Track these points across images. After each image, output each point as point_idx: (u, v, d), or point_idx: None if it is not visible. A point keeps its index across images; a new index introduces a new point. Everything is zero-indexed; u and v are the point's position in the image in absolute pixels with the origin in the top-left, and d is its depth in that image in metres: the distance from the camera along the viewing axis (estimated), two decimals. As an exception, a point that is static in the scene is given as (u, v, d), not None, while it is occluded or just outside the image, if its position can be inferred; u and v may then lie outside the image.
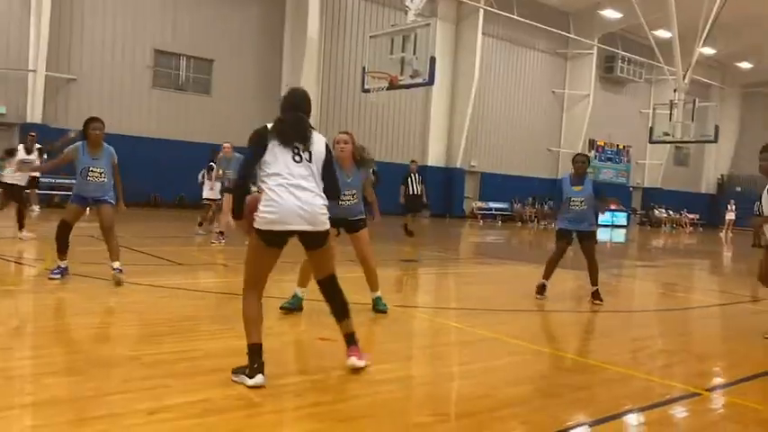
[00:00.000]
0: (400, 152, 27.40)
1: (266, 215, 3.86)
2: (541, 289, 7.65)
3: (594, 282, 7.58)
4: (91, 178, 6.71)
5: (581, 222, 7.48)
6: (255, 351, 3.76)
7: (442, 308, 6.99)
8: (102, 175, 6.73)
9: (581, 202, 7.37)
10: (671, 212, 36.98)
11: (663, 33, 28.77)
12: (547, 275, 7.65)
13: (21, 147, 11.69)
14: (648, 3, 25.49)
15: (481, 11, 27.59)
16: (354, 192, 5.98)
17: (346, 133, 6.00)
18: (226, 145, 11.75)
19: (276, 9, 23.63)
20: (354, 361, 4.09)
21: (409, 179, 15.72)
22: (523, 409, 3.66)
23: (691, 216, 37.57)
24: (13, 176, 11.03)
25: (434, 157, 28.37)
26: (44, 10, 18.55)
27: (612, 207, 33.43)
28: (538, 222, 30.00)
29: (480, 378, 4.26)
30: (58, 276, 6.59)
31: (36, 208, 15.47)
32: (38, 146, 11.85)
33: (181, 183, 19.15)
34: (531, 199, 31.14)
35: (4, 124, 19.14)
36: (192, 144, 21.30)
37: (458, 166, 28.96)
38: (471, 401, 3.79)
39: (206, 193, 13.17)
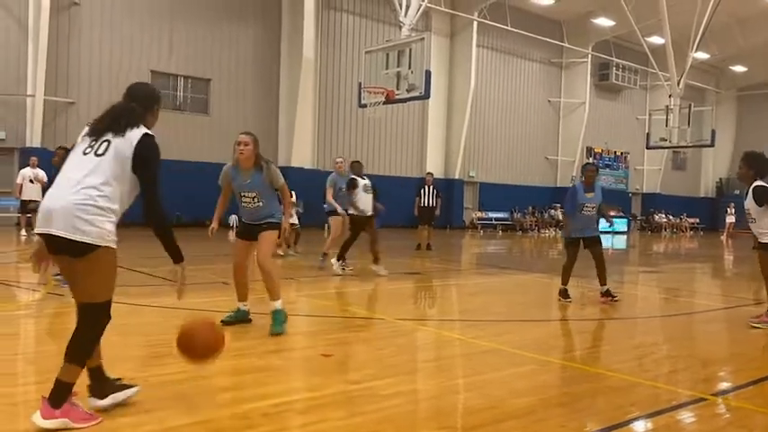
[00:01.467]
0: (399, 165, 27.51)
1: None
2: (564, 293, 8.16)
3: (604, 281, 8.16)
4: None
5: (587, 229, 8.11)
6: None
7: (445, 320, 6.99)
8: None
9: (592, 207, 8.04)
10: (671, 217, 36.99)
11: (656, 39, 28.92)
12: (565, 281, 8.20)
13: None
14: (641, 10, 25.66)
15: (475, 23, 27.78)
16: (255, 195, 5.80)
17: (248, 134, 5.85)
18: (338, 160, 11.09)
19: (272, 28, 23.79)
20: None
21: (423, 191, 16.01)
22: (529, 420, 3.66)
23: (690, 220, 37.58)
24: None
25: (432, 169, 28.36)
26: (41, 35, 18.67)
27: (612, 213, 33.46)
28: (538, 231, 30.00)
29: (485, 390, 4.26)
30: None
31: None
32: None
33: (179, 202, 19.17)
34: (530, 208, 31.17)
35: (4, 149, 19.20)
36: (191, 163, 21.36)
37: (456, 177, 29.02)
38: (477, 414, 3.78)
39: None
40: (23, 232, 15.30)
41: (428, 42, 16.82)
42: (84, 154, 3.37)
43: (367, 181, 10.52)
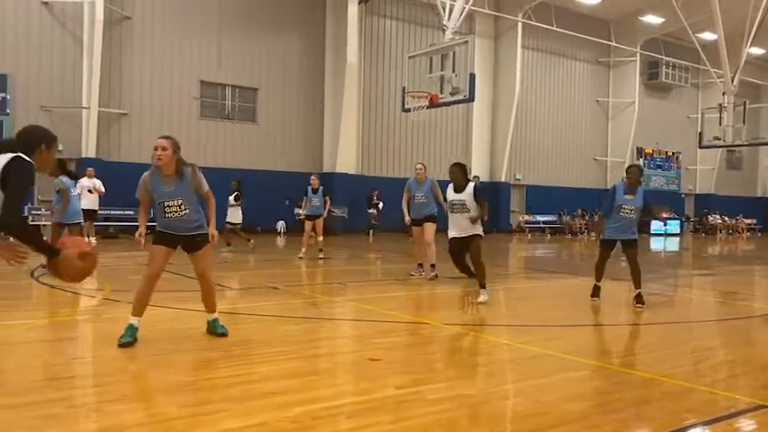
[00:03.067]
0: (443, 170, 27.35)
1: None
2: (596, 291, 8.28)
3: (638, 284, 7.97)
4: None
5: (625, 231, 7.93)
6: None
7: (492, 325, 6.92)
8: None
9: (631, 210, 7.82)
10: (726, 218, 35.83)
11: (708, 36, 28.11)
12: (598, 278, 8.30)
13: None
14: (691, 6, 24.99)
15: (520, 25, 27.52)
16: (181, 203, 5.39)
17: (166, 138, 5.42)
18: (418, 167, 10.92)
19: (316, 36, 24.07)
20: None
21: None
22: (581, 426, 3.59)
23: (747, 221, 36.31)
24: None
25: (478, 172, 28.25)
26: (95, 48, 19.32)
27: (664, 215, 32.66)
28: (588, 234, 29.47)
29: (536, 395, 4.20)
30: None
31: (93, 240, 16.00)
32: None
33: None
34: (579, 210, 30.65)
35: (61, 160, 19.90)
36: (240, 171, 21.75)
37: (502, 180, 28.76)
38: (528, 419, 3.74)
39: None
40: (86, 239, 15.83)
41: (472, 45, 16.77)
42: None
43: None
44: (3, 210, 3.62)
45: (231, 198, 15.31)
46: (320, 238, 13.58)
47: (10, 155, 3.73)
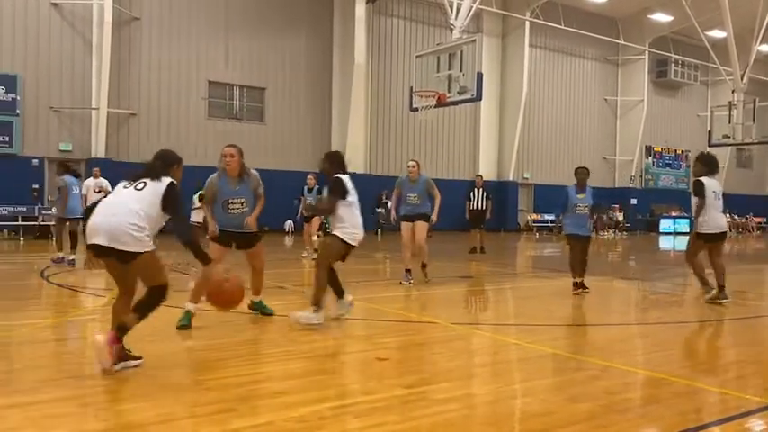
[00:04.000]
0: (451, 168, 27.41)
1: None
2: (575, 286, 8.80)
3: (582, 274, 8.83)
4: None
5: (581, 227, 8.83)
6: None
7: (500, 324, 6.91)
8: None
9: (584, 207, 8.78)
10: (736, 217, 35.58)
11: (717, 33, 27.94)
12: (574, 275, 8.90)
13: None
14: (700, 3, 24.83)
15: (527, 23, 27.45)
16: (243, 201, 6.30)
17: (233, 146, 6.32)
18: (410, 164, 9.94)
19: (324, 36, 24.09)
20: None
21: (472, 194, 15.93)
22: (589, 426, 3.58)
23: (757, 220, 36.07)
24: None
25: (486, 171, 28.13)
26: (104, 50, 19.41)
27: (674, 214, 32.51)
28: (596, 233, 29.35)
29: (543, 395, 4.19)
30: None
31: None
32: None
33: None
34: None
35: (71, 161, 20.00)
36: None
37: (510, 179, 28.70)
38: (536, 419, 3.73)
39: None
40: None
41: (479, 44, 16.74)
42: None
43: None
44: (180, 227, 4.79)
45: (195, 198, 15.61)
46: (314, 238, 13.63)
47: (166, 181, 4.66)
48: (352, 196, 6.45)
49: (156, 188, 4.58)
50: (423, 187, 9.63)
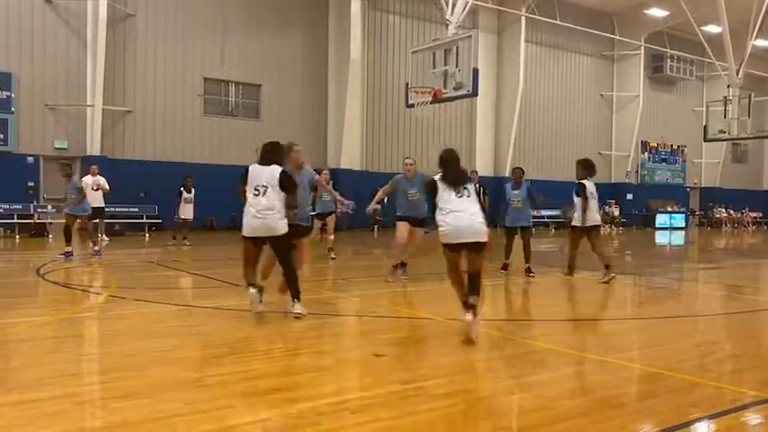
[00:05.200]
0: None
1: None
2: (504, 266, 10.53)
3: (528, 260, 10.34)
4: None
5: (520, 219, 10.75)
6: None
7: (496, 320, 6.92)
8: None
9: (519, 201, 10.72)
10: (731, 212, 35.71)
11: (713, 28, 27.96)
12: (507, 256, 10.67)
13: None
14: (696, -2, 24.88)
15: (523, 19, 27.42)
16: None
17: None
18: (408, 161, 9.45)
19: (319, 32, 24.04)
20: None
21: None
22: (585, 421, 3.59)
23: (753, 214, 36.20)
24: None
25: (482, 167, 28.16)
26: (99, 46, 19.34)
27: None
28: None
29: (539, 390, 4.20)
30: None
31: (106, 238, 16.05)
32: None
33: (235, 205, 19.54)
34: (584, 205, 30.56)
35: (66, 158, 19.95)
36: (243, 168, 21.78)
37: (506, 174, 28.67)
38: (532, 414, 3.74)
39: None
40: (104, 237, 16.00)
41: (475, 40, 16.75)
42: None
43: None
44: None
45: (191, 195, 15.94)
46: (331, 237, 13.06)
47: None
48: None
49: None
50: (421, 183, 9.12)
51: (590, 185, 9.99)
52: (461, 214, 5.53)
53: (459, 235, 5.50)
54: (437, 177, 5.86)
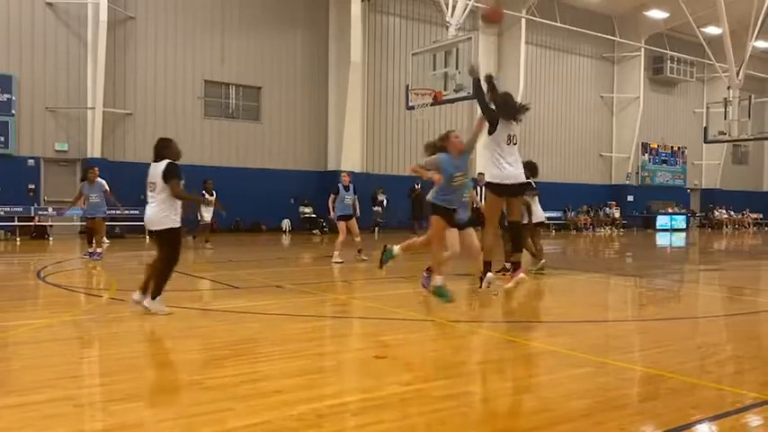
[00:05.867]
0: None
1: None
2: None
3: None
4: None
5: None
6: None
7: (498, 321, 6.92)
8: None
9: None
10: (732, 213, 35.70)
11: (713, 30, 27.99)
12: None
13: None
14: (695, 0, 24.87)
15: (523, 20, 27.44)
16: (464, 173, 7.01)
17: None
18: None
19: (319, 34, 24.07)
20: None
21: (475, 192, 15.83)
22: (586, 423, 3.59)
23: (754, 216, 36.19)
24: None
25: (483, 169, 28.25)
26: (99, 49, 19.37)
27: (670, 210, 32.53)
28: (593, 229, 29.41)
29: (540, 392, 4.20)
30: None
31: (106, 240, 16.03)
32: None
33: (236, 208, 19.61)
34: (584, 206, 30.58)
35: (67, 160, 20.00)
36: (245, 170, 21.82)
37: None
38: (533, 416, 3.73)
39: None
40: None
41: (475, 42, 16.74)
42: None
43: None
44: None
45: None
46: (357, 239, 12.67)
47: (164, 162, 6.35)
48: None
49: None
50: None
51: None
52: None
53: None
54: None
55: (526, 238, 10.59)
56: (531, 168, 10.53)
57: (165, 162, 6.46)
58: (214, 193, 15.96)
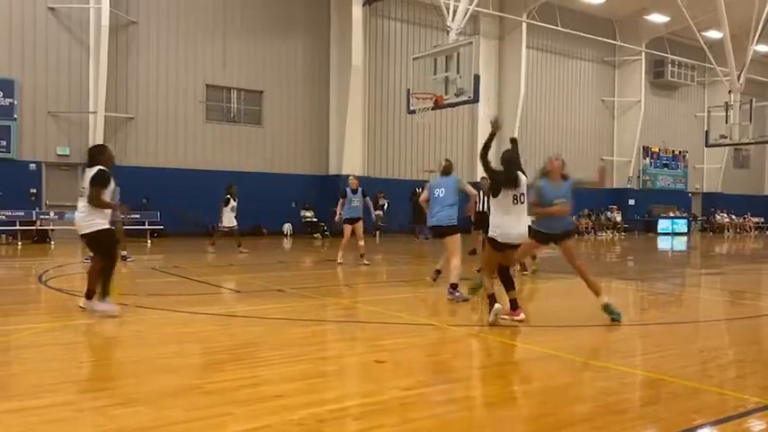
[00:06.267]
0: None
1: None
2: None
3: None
4: None
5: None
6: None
7: (498, 326, 6.90)
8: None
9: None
10: (733, 217, 35.66)
11: (713, 34, 28.00)
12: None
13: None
14: (696, 4, 24.87)
15: (524, 25, 27.47)
16: (564, 201, 7.14)
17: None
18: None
19: (321, 39, 24.10)
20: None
21: (478, 196, 15.81)
22: (588, 427, 3.58)
23: (755, 220, 36.13)
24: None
25: (484, 174, 28.26)
26: (102, 54, 19.38)
27: (671, 214, 32.48)
28: (595, 233, 29.38)
29: (541, 397, 4.19)
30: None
31: None
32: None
33: (238, 212, 19.60)
34: (585, 210, 30.55)
35: (68, 164, 20.02)
36: (246, 174, 21.83)
37: (508, 181, 28.67)
38: (534, 421, 3.73)
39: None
40: None
41: (476, 46, 16.76)
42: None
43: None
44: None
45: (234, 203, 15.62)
46: (361, 243, 12.83)
47: (94, 169, 6.34)
48: None
49: None
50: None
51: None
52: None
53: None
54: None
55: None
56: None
57: (96, 168, 6.70)
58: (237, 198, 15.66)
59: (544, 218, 7.21)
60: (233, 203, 15.51)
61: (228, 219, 15.56)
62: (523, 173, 6.93)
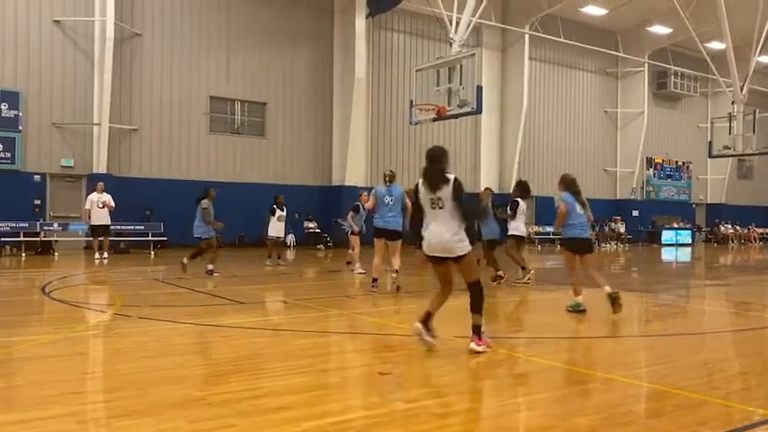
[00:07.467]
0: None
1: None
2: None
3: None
4: None
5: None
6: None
7: (502, 337, 6.88)
8: None
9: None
10: (738, 228, 35.58)
11: (716, 45, 28.08)
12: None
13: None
14: (699, 15, 24.97)
15: (527, 36, 27.59)
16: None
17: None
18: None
19: (324, 51, 24.22)
20: (472, 346, 5.54)
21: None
22: (592, 440, 3.56)
23: (759, 230, 36.05)
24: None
25: (487, 184, 28.23)
26: (106, 66, 19.52)
27: (675, 225, 32.40)
28: (598, 244, 29.30)
29: (546, 409, 4.17)
30: None
31: (105, 255, 16.05)
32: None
33: (241, 223, 19.64)
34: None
35: (73, 176, 20.09)
36: (249, 185, 21.89)
37: (511, 191, 28.67)
38: (537, 433, 3.70)
39: None
40: (97, 255, 15.75)
41: (479, 57, 16.80)
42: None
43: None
44: (469, 217, 5.83)
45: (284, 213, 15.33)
46: (352, 252, 13.88)
47: (451, 176, 5.78)
48: None
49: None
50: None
51: (522, 204, 12.22)
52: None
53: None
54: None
55: (519, 252, 12.03)
56: (521, 189, 12.29)
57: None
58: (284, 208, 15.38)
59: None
60: (279, 213, 15.15)
61: (277, 229, 15.23)
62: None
